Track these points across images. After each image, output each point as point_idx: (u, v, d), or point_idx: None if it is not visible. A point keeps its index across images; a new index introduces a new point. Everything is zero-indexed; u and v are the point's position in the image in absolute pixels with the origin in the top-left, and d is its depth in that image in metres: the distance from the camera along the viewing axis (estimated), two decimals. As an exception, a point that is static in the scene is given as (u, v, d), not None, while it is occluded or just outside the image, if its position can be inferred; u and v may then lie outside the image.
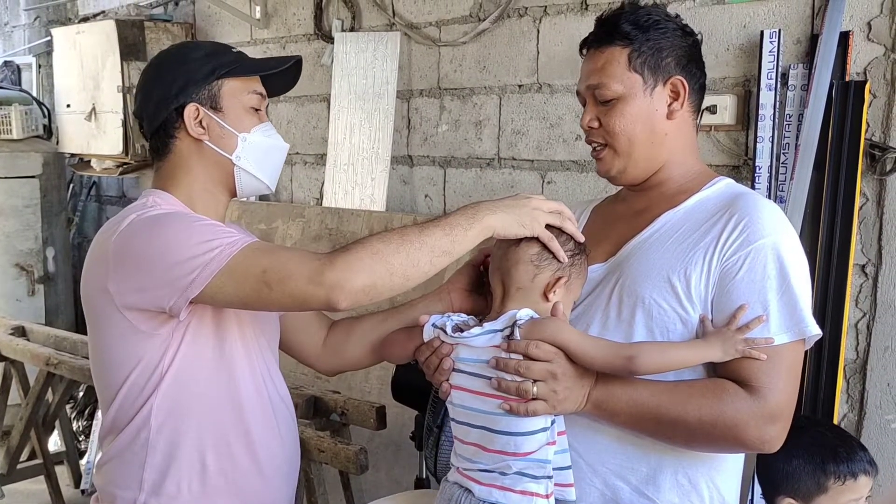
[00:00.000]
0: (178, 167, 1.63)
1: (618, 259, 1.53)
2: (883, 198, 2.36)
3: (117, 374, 1.56)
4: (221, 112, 1.61)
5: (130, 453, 1.57)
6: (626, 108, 1.50)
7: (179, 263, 1.42)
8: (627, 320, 1.46)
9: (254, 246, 1.45)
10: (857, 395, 2.44)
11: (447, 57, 3.46)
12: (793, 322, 1.38)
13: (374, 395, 3.16)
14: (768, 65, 2.49)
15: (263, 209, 4.08)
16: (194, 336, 1.54)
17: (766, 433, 1.35)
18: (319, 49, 3.95)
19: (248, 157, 1.63)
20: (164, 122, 1.60)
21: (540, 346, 1.35)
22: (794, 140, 2.46)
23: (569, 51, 3.03)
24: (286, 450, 1.71)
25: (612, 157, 1.54)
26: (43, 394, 3.81)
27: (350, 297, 1.38)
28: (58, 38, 4.93)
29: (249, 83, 1.64)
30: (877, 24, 2.35)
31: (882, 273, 2.38)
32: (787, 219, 1.47)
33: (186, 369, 1.55)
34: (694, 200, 1.52)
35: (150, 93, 1.62)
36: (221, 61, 1.61)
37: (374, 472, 2.99)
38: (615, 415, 1.40)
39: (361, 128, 3.70)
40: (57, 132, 5.00)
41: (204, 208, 1.62)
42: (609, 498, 1.47)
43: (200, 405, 1.57)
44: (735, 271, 1.40)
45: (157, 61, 1.67)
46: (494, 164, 3.33)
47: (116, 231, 1.50)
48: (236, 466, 1.61)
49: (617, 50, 1.51)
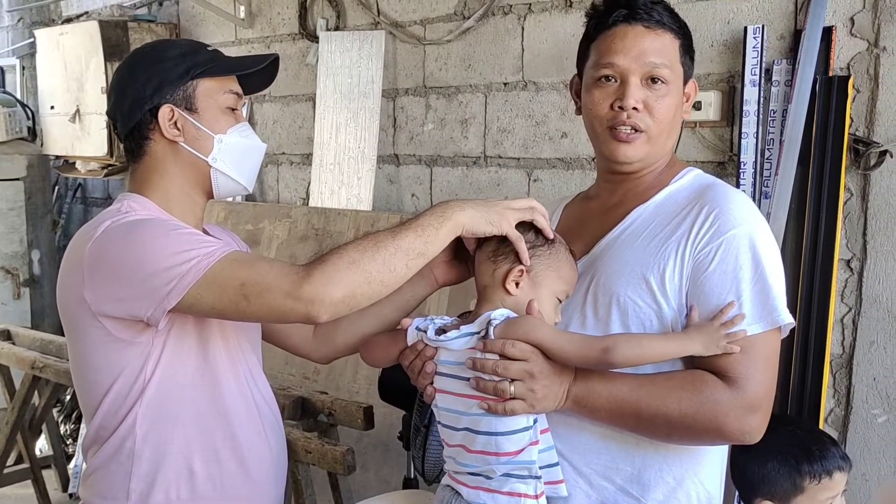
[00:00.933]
0: (154, 170, 1.60)
1: (591, 257, 1.52)
2: (867, 192, 2.37)
3: (99, 384, 1.54)
4: (197, 113, 1.58)
5: (116, 463, 1.55)
6: (670, 97, 1.48)
7: (156, 274, 1.40)
8: (604, 319, 1.45)
9: (231, 257, 1.43)
10: (843, 389, 2.44)
11: (432, 55, 3.45)
12: (766, 311, 1.37)
13: (362, 396, 3.15)
14: (752, 61, 2.49)
15: (250, 210, 4.06)
16: (176, 342, 1.52)
17: (747, 424, 1.35)
18: (304, 48, 3.93)
19: (225, 159, 1.60)
20: (139, 124, 1.58)
21: (515, 345, 1.34)
22: (778, 136, 2.47)
23: (554, 48, 3.03)
24: (273, 452, 1.70)
25: (644, 144, 1.48)
26: (29, 397, 3.79)
27: (329, 310, 1.37)
28: (41, 39, 4.89)
29: (225, 83, 1.62)
30: (860, 20, 2.35)
31: (867, 268, 2.38)
32: (756, 208, 1.47)
33: (170, 376, 1.53)
34: (664, 194, 1.51)
35: (124, 93, 1.59)
36: (196, 60, 1.59)
37: (363, 473, 2.98)
38: (596, 411, 1.39)
39: (347, 127, 3.69)
40: (41, 134, 4.97)
41: (181, 211, 1.60)
42: (594, 498, 1.46)
43: (186, 412, 1.56)
44: (707, 263, 1.39)
45: (131, 60, 1.63)
46: (481, 163, 3.32)
47: (91, 238, 1.47)
48: (224, 471, 1.59)
49: (670, 37, 1.48)
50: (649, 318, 1.42)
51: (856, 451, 2.40)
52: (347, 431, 2.87)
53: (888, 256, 2.35)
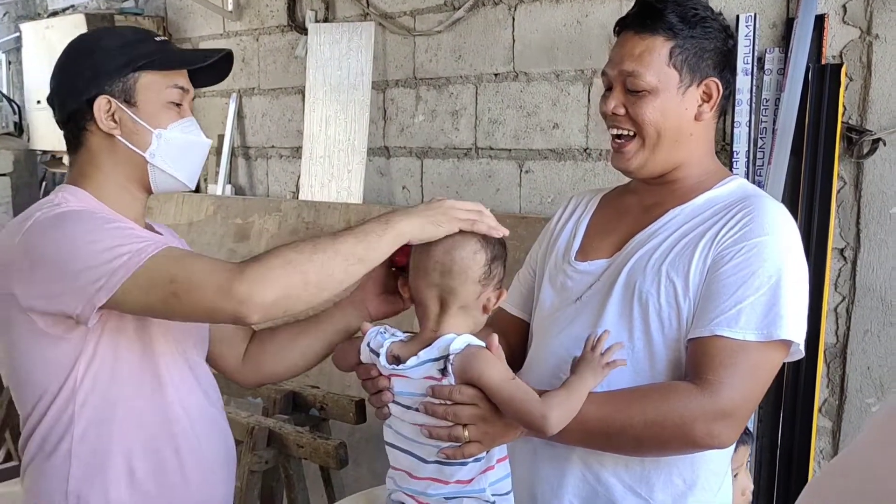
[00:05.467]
0: (89, 162, 1.54)
1: (622, 254, 1.49)
2: (860, 181, 2.36)
3: (31, 382, 1.48)
4: (135, 107, 1.51)
5: (52, 465, 1.49)
6: (655, 101, 1.44)
7: (85, 270, 1.35)
8: (626, 315, 1.43)
9: (163, 253, 1.37)
10: (837, 379, 2.44)
11: (422, 46, 3.43)
12: (765, 322, 1.33)
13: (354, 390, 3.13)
14: (744, 49, 2.47)
15: (239, 204, 4.03)
16: (112, 339, 1.47)
17: (715, 429, 1.31)
18: (293, 40, 3.90)
19: (163, 155, 1.54)
20: (74, 114, 1.52)
21: (463, 392, 1.29)
22: (771, 124, 2.45)
23: (545, 38, 3.01)
24: (219, 451, 1.64)
25: (638, 148, 1.47)
26: (17, 395, 3.75)
27: (260, 311, 1.32)
28: (27, 33, 4.85)
29: (170, 77, 1.54)
30: (852, 7, 2.34)
31: (861, 256, 2.38)
32: (794, 224, 1.43)
33: (107, 373, 1.47)
34: (703, 198, 1.48)
35: (61, 81, 1.53)
36: (140, 52, 1.52)
37: (355, 467, 2.96)
38: (562, 435, 1.33)
39: (337, 119, 3.66)
40: (28, 129, 4.93)
41: (120, 206, 1.53)
42: (602, 494, 1.44)
43: (125, 410, 1.49)
44: (724, 263, 1.37)
45: (72, 47, 1.56)
46: (472, 154, 3.30)
47: (21, 231, 1.42)
48: (166, 471, 1.54)
49: (659, 41, 1.44)
50: (670, 318, 1.40)
51: (850, 440, 2.39)
52: (339, 425, 2.86)
53: (881, 245, 2.34)
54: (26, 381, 1.49)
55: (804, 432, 2.38)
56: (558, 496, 1.47)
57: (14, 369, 1.51)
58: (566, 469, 1.47)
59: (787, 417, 2.41)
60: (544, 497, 1.49)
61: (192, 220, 4.15)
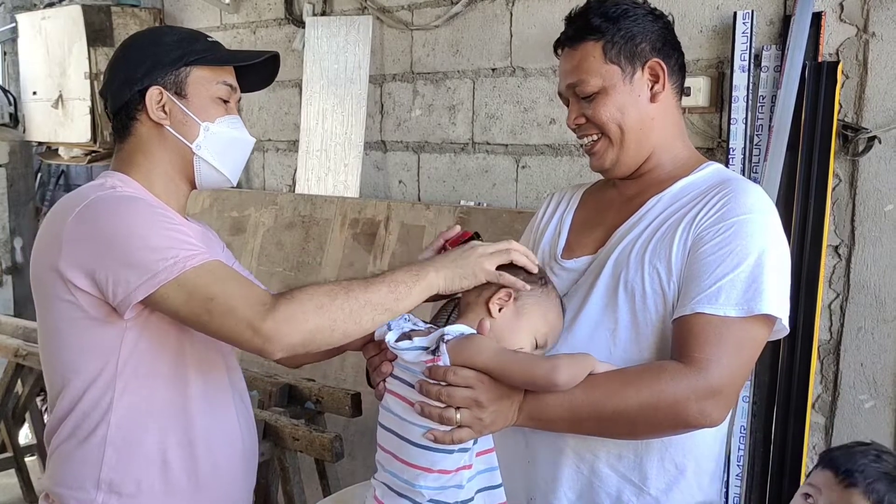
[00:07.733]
0: (138, 150, 1.59)
1: (606, 248, 1.52)
2: (856, 179, 2.37)
3: (69, 363, 1.49)
4: (186, 99, 1.57)
5: (85, 451, 1.50)
6: (608, 99, 1.50)
7: (132, 264, 1.38)
8: (612, 306, 1.45)
9: (209, 268, 1.40)
10: (830, 375, 2.45)
11: (420, 41, 3.42)
12: (746, 297, 1.35)
13: (350, 383, 3.14)
14: (741, 46, 2.48)
15: (236, 196, 4.03)
16: (156, 329, 1.49)
17: (706, 407, 1.32)
18: (290, 34, 3.89)
19: (209, 147, 1.59)
20: (127, 104, 1.57)
21: (458, 373, 1.30)
22: (767, 122, 2.46)
23: (542, 34, 3.01)
24: (246, 445, 1.67)
25: (607, 147, 1.52)
26: (12, 386, 3.76)
27: (284, 351, 1.37)
28: (23, 24, 4.83)
29: (220, 73, 1.61)
30: (849, 5, 2.35)
31: (855, 254, 2.39)
32: (772, 204, 1.46)
33: (147, 363, 1.49)
34: (680, 185, 1.51)
35: (117, 72, 1.59)
36: (192, 48, 1.58)
37: (350, 460, 2.97)
38: (552, 423, 1.36)
39: (334, 113, 3.66)
40: (23, 120, 4.90)
41: (165, 195, 1.58)
42: (597, 486, 1.46)
43: (163, 402, 1.52)
44: (705, 242, 1.39)
45: (129, 42, 1.63)
46: (468, 149, 3.30)
47: (74, 210, 1.44)
48: (198, 463, 1.56)
49: (590, 45, 1.50)
50: (655, 304, 1.42)
51: (843, 437, 2.40)
52: (335, 418, 2.87)
53: (876, 242, 2.35)
54: (64, 360, 1.51)
55: (797, 428, 2.39)
56: (554, 490, 1.49)
57: (50, 349, 1.53)
58: (560, 462, 1.48)
59: (781, 413, 2.42)
60: (540, 492, 1.50)
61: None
